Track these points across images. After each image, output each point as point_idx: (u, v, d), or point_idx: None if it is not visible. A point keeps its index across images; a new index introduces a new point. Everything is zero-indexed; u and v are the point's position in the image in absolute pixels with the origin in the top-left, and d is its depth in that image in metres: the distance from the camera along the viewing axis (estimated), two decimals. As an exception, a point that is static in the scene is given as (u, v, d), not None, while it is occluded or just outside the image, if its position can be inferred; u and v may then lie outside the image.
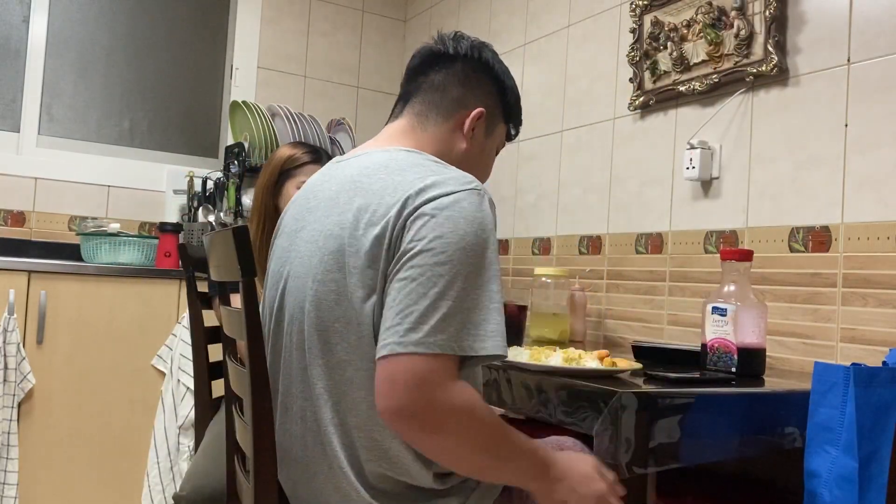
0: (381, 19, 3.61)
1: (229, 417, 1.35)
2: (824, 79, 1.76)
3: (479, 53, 1.21)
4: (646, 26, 2.21)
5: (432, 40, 1.23)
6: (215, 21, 3.34)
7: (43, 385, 2.40)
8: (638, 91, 2.24)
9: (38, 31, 2.97)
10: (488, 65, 1.22)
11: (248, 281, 1.09)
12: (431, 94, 1.19)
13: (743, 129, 1.95)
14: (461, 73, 1.19)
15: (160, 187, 3.10)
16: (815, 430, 1.17)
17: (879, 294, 1.60)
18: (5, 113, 2.94)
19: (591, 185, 2.44)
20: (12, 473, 2.31)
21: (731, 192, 1.97)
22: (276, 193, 1.91)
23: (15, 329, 2.32)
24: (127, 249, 2.68)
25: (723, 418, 1.23)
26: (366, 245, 1.00)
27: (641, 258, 2.21)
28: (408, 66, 1.25)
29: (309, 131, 3.07)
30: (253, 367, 1.08)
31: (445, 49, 1.20)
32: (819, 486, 1.15)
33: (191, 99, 3.29)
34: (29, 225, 2.88)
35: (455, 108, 1.19)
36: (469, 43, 1.21)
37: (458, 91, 1.18)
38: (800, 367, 1.74)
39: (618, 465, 1.10)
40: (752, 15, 1.91)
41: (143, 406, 2.53)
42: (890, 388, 1.16)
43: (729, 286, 1.50)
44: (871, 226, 1.64)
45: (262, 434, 1.08)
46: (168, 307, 2.59)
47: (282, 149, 1.97)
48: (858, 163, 1.68)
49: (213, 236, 1.30)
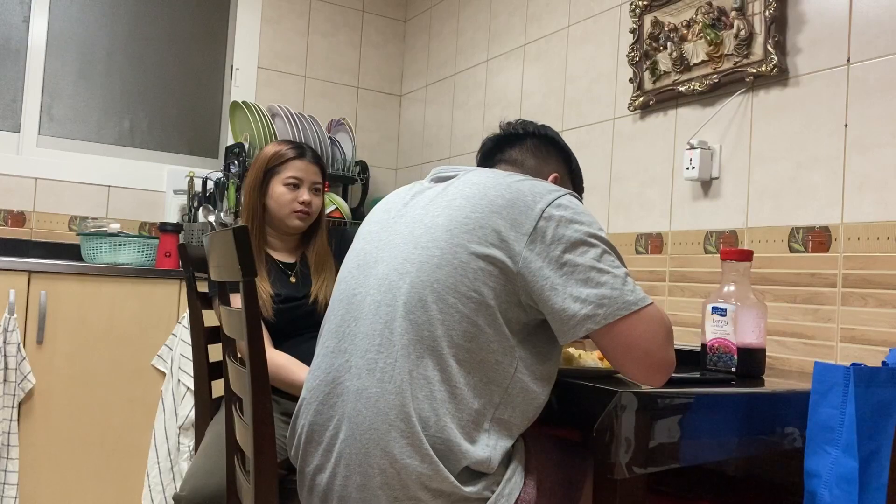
0: (381, 19, 3.61)
1: (229, 417, 1.35)
2: (824, 79, 1.76)
3: (544, 130, 1.42)
4: (646, 26, 2.21)
5: (500, 129, 1.43)
6: (215, 21, 3.34)
7: (43, 385, 2.40)
8: (638, 91, 2.24)
9: (38, 32, 2.97)
10: (554, 139, 1.42)
11: (248, 281, 1.09)
12: (510, 165, 1.37)
13: (743, 130, 1.95)
14: (533, 147, 1.39)
15: (160, 187, 3.11)
16: (815, 430, 1.17)
17: (879, 294, 1.60)
18: (5, 113, 2.94)
19: (591, 185, 2.44)
20: (12, 473, 2.31)
21: (731, 192, 1.97)
22: (264, 192, 1.91)
23: (15, 329, 2.33)
24: (127, 249, 2.68)
25: (723, 418, 1.23)
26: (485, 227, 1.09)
27: (641, 258, 2.21)
28: (480, 150, 1.44)
29: (309, 131, 3.07)
30: (253, 367, 1.08)
31: (515, 130, 1.41)
32: (819, 486, 1.15)
33: (191, 99, 3.29)
34: (29, 225, 2.88)
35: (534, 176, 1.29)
36: (534, 125, 1.42)
37: (532, 162, 1.38)
38: (800, 367, 1.74)
39: (617, 464, 1.10)
40: (751, 15, 1.91)
41: (143, 406, 2.53)
42: (890, 388, 1.16)
43: (729, 286, 1.50)
44: (870, 226, 1.64)
45: (262, 434, 1.08)
46: (168, 307, 2.59)
47: (266, 147, 1.98)
48: (858, 163, 1.68)
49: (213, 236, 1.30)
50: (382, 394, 1.06)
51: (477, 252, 1.07)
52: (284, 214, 1.90)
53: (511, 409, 1.09)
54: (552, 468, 1.18)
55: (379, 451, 1.04)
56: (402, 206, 1.23)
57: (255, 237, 1.89)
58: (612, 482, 1.11)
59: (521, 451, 1.14)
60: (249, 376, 1.08)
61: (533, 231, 1.08)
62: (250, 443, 1.08)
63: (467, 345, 1.05)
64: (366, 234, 1.25)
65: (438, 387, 1.04)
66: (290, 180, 1.90)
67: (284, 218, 1.90)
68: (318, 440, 1.14)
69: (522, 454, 1.14)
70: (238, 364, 1.22)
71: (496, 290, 1.07)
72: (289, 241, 1.97)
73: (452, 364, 1.05)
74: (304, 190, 1.91)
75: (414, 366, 1.05)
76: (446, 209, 1.13)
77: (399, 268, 1.12)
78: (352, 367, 1.11)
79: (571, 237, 1.08)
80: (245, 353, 1.11)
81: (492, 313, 1.06)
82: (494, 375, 1.07)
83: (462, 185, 1.16)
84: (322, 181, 1.98)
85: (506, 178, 1.15)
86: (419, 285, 1.08)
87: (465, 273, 1.07)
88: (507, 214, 1.09)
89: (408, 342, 1.06)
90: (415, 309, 1.07)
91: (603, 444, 1.11)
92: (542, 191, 1.12)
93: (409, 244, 1.13)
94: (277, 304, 1.82)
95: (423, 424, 1.04)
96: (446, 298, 1.06)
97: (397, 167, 3.62)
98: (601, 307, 1.06)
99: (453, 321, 1.06)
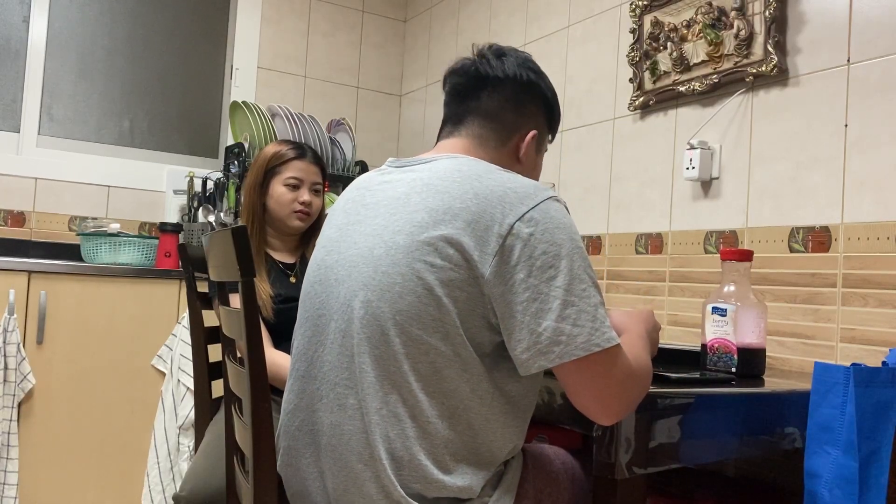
0: (381, 19, 3.61)
1: (229, 417, 1.35)
2: (824, 79, 1.76)
3: (527, 74, 1.22)
4: (646, 26, 2.21)
5: (474, 56, 1.23)
6: (215, 21, 3.34)
7: (43, 385, 2.40)
8: (638, 91, 2.24)
9: (38, 32, 2.97)
10: (537, 85, 1.24)
11: (247, 281, 1.09)
12: (487, 121, 1.19)
13: (743, 130, 1.95)
14: (513, 98, 1.21)
15: (160, 187, 3.10)
16: (815, 430, 1.17)
17: (879, 294, 1.60)
18: (5, 113, 2.93)
19: (591, 185, 2.44)
20: (12, 473, 2.31)
21: (731, 192, 1.97)
22: (264, 192, 1.91)
23: (15, 329, 2.32)
24: (127, 249, 2.68)
25: (723, 418, 1.23)
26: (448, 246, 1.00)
27: (641, 258, 2.21)
28: (451, 82, 1.24)
29: (309, 131, 3.07)
30: (252, 367, 1.08)
31: (493, 71, 1.20)
32: (819, 486, 1.15)
33: (191, 99, 3.29)
34: (29, 225, 2.88)
35: (510, 134, 1.21)
36: (514, 61, 1.22)
37: (512, 116, 1.20)
38: (800, 367, 1.74)
39: (618, 464, 1.10)
40: (751, 15, 1.90)
41: (143, 406, 2.53)
42: (890, 388, 1.16)
43: (729, 286, 1.50)
44: (870, 226, 1.64)
45: (261, 434, 1.08)
46: (168, 307, 2.59)
47: (267, 147, 1.98)
48: (858, 163, 1.68)
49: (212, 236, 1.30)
50: (354, 432, 1.04)
51: (441, 278, 1.00)
52: (284, 215, 1.90)
53: (488, 434, 1.04)
54: (554, 486, 1.16)
55: (355, 489, 1.03)
56: (362, 207, 1.15)
57: (255, 237, 1.89)
58: (612, 482, 1.11)
59: (514, 471, 1.10)
60: (248, 377, 1.08)
61: (499, 250, 0.99)
62: (249, 443, 1.08)
63: (435, 376, 1.00)
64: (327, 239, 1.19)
65: (409, 423, 1.00)
66: (291, 181, 1.90)
67: (284, 218, 1.90)
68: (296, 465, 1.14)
69: (517, 473, 1.11)
70: (237, 364, 1.22)
71: (462, 314, 1.00)
72: (289, 242, 1.97)
73: (422, 397, 1.00)
74: (304, 190, 1.91)
75: (382, 403, 1.01)
76: (407, 224, 1.04)
77: (360, 295, 1.05)
78: (323, 398, 1.09)
79: (538, 260, 0.98)
80: (244, 353, 1.11)
81: (460, 340, 1.00)
82: (468, 402, 1.02)
83: (426, 192, 1.06)
84: (322, 182, 1.98)
85: (474, 181, 1.04)
86: (382, 318, 1.02)
87: (429, 302, 1.00)
88: (472, 231, 1.00)
89: (374, 379, 1.02)
90: (378, 344, 1.02)
91: (603, 445, 1.11)
92: (513, 199, 1.01)
93: (369, 266, 1.05)
94: (277, 304, 1.82)
95: (396, 465, 1.00)
96: (409, 331, 1.00)
97: (397, 167, 3.62)
98: (558, 344, 0.97)
99: (419, 353, 1.00)
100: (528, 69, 1.23)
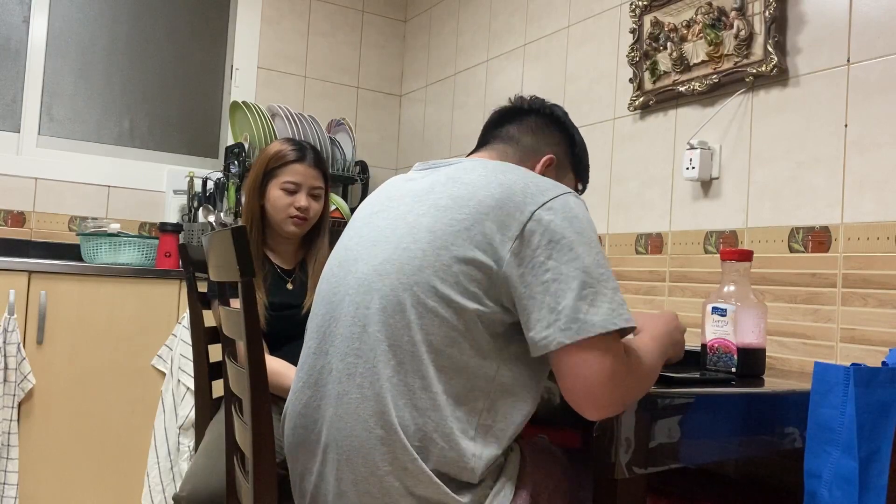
0: (381, 19, 3.61)
1: (229, 417, 1.35)
2: (824, 79, 1.76)
3: (550, 109, 1.33)
4: (646, 27, 2.21)
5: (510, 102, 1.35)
6: (215, 21, 3.34)
7: (43, 385, 2.40)
8: (638, 91, 2.24)
9: (38, 31, 2.97)
10: (558, 118, 1.33)
11: (246, 281, 1.09)
12: (506, 143, 1.29)
13: (743, 130, 1.95)
14: (533, 124, 1.30)
15: (160, 187, 3.11)
16: (815, 431, 1.17)
17: (879, 294, 1.60)
18: (5, 113, 2.94)
19: (591, 185, 2.43)
20: (12, 473, 2.31)
21: (731, 192, 1.97)
22: (262, 195, 1.87)
23: (15, 329, 2.32)
24: (127, 249, 2.68)
25: (723, 418, 1.23)
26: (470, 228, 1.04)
27: (641, 258, 2.21)
28: (486, 121, 1.35)
29: (309, 131, 3.07)
30: (252, 367, 1.08)
31: (520, 105, 1.32)
32: (819, 486, 1.15)
33: (191, 99, 3.29)
34: (29, 225, 2.88)
35: (527, 156, 1.28)
36: (544, 102, 1.34)
37: (529, 140, 1.29)
38: (800, 367, 1.74)
39: (618, 464, 1.10)
40: (751, 15, 1.91)
41: (143, 406, 2.53)
42: (890, 388, 1.16)
43: (729, 286, 1.50)
44: (870, 226, 1.64)
45: (261, 434, 1.08)
46: (168, 307, 2.59)
47: (270, 145, 1.93)
48: (858, 163, 1.68)
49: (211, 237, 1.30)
50: (362, 400, 1.04)
51: (459, 256, 1.03)
52: (280, 219, 1.85)
53: (495, 416, 1.05)
54: (550, 481, 1.16)
55: (360, 458, 1.03)
56: (386, 199, 1.19)
57: (255, 239, 1.86)
58: (612, 482, 1.11)
59: (514, 463, 1.11)
60: (248, 377, 1.08)
61: (520, 234, 1.02)
62: (249, 443, 1.08)
63: (447, 350, 1.02)
64: (350, 229, 1.23)
65: (420, 394, 1.02)
66: (288, 185, 1.85)
67: (280, 223, 1.86)
68: (304, 444, 1.13)
69: (516, 466, 1.11)
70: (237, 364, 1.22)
71: (478, 294, 1.03)
72: (288, 246, 1.93)
73: (432, 371, 1.02)
74: (301, 195, 1.86)
75: (393, 372, 1.03)
76: (432, 208, 1.09)
77: (379, 268, 1.08)
78: (332, 370, 1.10)
79: (558, 243, 1.02)
80: (243, 353, 1.11)
81: (473, 318, 1.03)
82: (477, 381, 1.03)
83: (450, 183, 1.11)
84: (323, 186, 1.91)
85: (498, 174, 1.09)
86: (398, 288, 1.05)
87: (447, 276, 1.03)
88: (495, 216, 1.04)
89: (386, 348, 1.04)
90: (393, 313, 1.04)
91: (603, 445, 1.11)
92: (534, 191, 1.06)
93: (390, 244, 1.09)
94: (271, 312, 1.80)
95: (405, 432, 1.02)
96: (425, 302, 1.03)
97: (397, 167, 3.62)
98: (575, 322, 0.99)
99: (432, 326, 1.02)
100: (554, 108, 1.34)
